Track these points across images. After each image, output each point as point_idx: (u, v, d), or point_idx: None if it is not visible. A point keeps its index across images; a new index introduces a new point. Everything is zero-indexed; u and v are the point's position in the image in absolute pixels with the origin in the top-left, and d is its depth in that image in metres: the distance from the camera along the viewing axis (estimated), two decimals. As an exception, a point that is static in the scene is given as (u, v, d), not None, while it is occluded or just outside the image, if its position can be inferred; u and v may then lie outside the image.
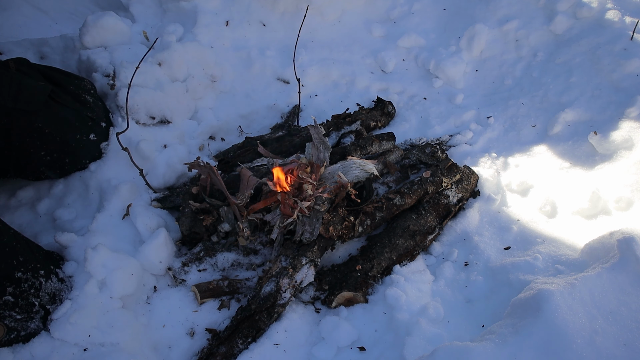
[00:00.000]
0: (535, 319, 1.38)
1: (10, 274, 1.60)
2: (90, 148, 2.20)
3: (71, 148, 2.13)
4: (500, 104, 2.75)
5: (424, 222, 2.09)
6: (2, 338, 1.58)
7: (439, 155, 2.41)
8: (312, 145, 2.19)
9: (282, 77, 2.96)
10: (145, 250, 1.88)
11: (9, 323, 1.59)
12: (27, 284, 1.64)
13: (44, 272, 1.70)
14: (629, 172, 2.09)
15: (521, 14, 3.01)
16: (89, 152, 2.20)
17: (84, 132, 2.16)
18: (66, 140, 2.11)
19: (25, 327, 1.62)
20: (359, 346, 1.74)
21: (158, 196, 2.15)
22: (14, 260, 1.63)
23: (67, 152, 2.13)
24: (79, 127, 2.14)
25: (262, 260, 2.02)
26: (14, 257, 1.63)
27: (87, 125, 2.17)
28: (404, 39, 3.15)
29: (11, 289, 1.59)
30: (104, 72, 2.45)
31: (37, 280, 1.67)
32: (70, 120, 2.11)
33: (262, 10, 3.13)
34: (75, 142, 2.13)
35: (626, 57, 2.52)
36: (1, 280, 1.58)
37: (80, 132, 2.14)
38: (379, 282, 1.95)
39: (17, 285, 1.61)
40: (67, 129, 2.11)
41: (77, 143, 2.14)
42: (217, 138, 2.67)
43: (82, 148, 2.17)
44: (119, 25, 2.63)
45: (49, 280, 1.71)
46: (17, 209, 2.18)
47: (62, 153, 2.12)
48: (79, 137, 2.14)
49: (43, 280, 1.68)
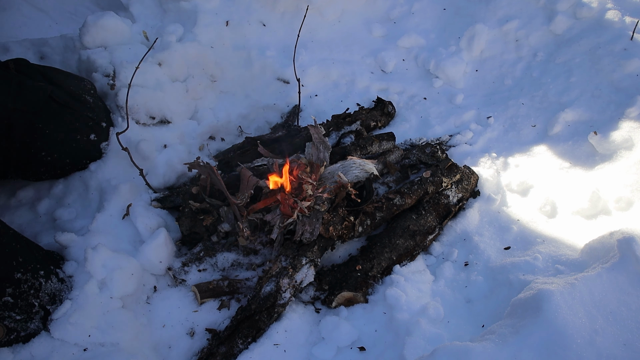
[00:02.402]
0: (535, 319, 1.38)
1: (9, 275, 1.60)
2: (90, 148, 2.20)
3: (71, 148, 2.13)
4: (500, 104, 2.75)
5: (424, 222, 2.09)
6: (1, 339, 1.58)
7: (439, 155, 2.41)
8: (312, 145, 2.19)
9: (282, 77, 2.96)
10: (145, 250, 1.88)
11: (9, 324, 1.59)
12: (27, 284, 1.63)
13: (43, 272, 1.70)
14: (629, 172, 2.09)
15: (521, 14, 3.01)
16: (89, 152, 2.20)
17: (84, 132, 2.16)
18: (66, 140, 2.11)
19: (25, 327, 1.62)
20: (359, 346, 1.74)
21: (158, 196, 2.15)
22: (14, 261, 1.62)
23: (67, 153, 2.13)
24: (79, 128, 2.14)
25: (262, 260, 2.02)
26: (14, 258, 1.63)
27: (87, 126, 2.17)
28: (404, 39, 3.15)
29: (11, 290, 1.59)
30: (104, 72, 2.45)
31: (37, 281, 1.66)
32: (71, 121, 2.11)
33: (262, 10, 3.13)
34: (75, 142, 2.13)
35: (626, 57, 2.52)
36: (1, 281, 1.57)
37: (80, 132, 2.14)
38: (379, 282, 1.95)
39: (16, 286, 1.61)
40: (67, 129, 2.11)
41: (77, 143, 2.14)
42: (217, 138, 2.67)
43: (83, 148, 2.17)
44: (119, 25, 2.62)
45: (49, 280, 1.70)
46: (17, 209, 2.18)
47: (63, 153, 2.12)
48: (79, 138, 2.14)
49: (43, 280, 1.68)
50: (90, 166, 2.20)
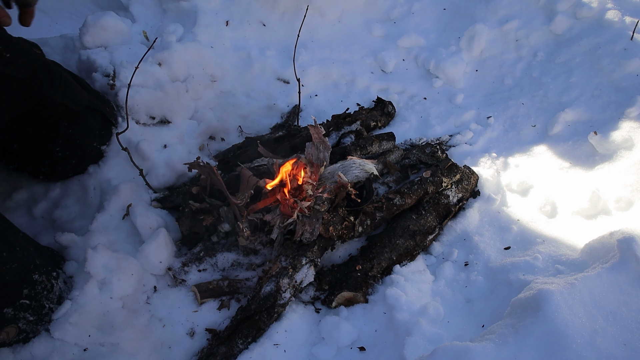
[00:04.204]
0: (535, 319, 1.38)
1: (28, 276, 1.61)
2: (94, 152, 2.20)
3: (93, 149, 2.17)
4: (500, 104, 2.75)
5: (424, 222, 2.09)
6: (11, 340, 1.58)
7: (439, 155, 2.41)
8: (312, 145, 2.19)
9: (282, 77, 2.96)
10: (145, 250, 1.88)
11: (22, 325, 1.60)
12: (42, 286, 1.65)
13: (55, 274, 1.72)
14: (629, 172, 2.09)
15: (521, 14, 3.01)
16: (93, 157, 2.21)
17: (96, 138, 2.19)
18: (96, 141, 2.17)
19: (35, 329, 1.63)
20: (359, 346, 1.74)
21: (158, 196, 2.15)
22: (32, 264, 1.64)
23: (90, 155, 2.17)
24: (98, 135, 2.18)
25: (262, 260, 2.02)
26: (32, 260, 1.65)
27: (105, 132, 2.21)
28: (404, 39, 3.15)
29: (27, 291, 1.60)
30: (104, 72, 2.44)
31: (49, 283, 1.68)
32: (96, 122, 2.16)
33: (262, 10, 3.13)
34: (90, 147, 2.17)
35: (626, 57, 2.52)
36: (19, 282, 1.58)
37: (97, 139, 2.18)
38: (379, 282, 1.95)
39: (32, 287, 1.62)
40: (90, 133, 2.14)
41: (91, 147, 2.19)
42: (217, 138, 2.67)
43: (92, 152, 2.19)
44: (119, 25, 2.62)
45: (58, 282, 1.72)
46: (16, 209, 2.18)
47: (89, 153, 2.16)
48: (95, 145, 2.18)
49: (54, 282, 1.70)
50: (89, 167, 2.20)
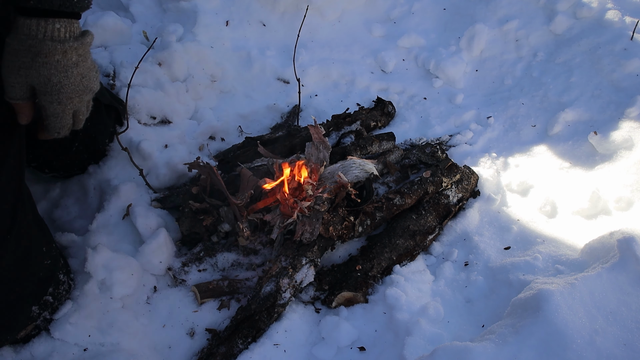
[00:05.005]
0: (535, 319, 1.38)
1: (55, 275, 1.63)
2: (103, 149, 2.19)
3: (97, 147, 2.14)
4: (500, 104, 2.75)
5: (424, 222, 2.09)
6: (25, 335, 1.60)
7: (439, 155, 2.41)
8: (312, 145, 2.19)
9: (282, 77, 2.96)
10: (145, 250, 1.88)
11: (40, 324, 1.61)
12: (64, 286, 1.67)
13: (72, 275, 1.74)
14: (629, 172, 2.09)
15: (521, 14, 3.01)
16: (101, 153, 2.19)
17: (108, 136, 2.17)
18: (98, 140, 2.12)
19: (47, 328, 1.64)
20: (359, 346, 1.74)
21: (158, 196, 2.15)
22: (59, 262, 1.66)
23: (95, 150, 2.13)
24: (110, 133, 2.17)
25: (262, 260, 2.02)
26: (59, 259, 1.67)
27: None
28: (404, 39, 3.15)
29: (52, 289, 1.61)
30: (104, 72, 2.44)
31: (68, 284, 1.70)
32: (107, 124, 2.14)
33: (262, 10, 3.13)
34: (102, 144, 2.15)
35: (626, 57, 2.52)
36: (48, 280, 1.60)
37: (109, 136, 2.16)
38: (379, 282, 1.95)
39: (56, 286, 1.63)
40: (105, 130, 2.12)
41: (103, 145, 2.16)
42: (217, 138, 2.67)
43: (102, 148, 2.18)
44: (119, 25, 2.62)
45: (73, 282, 1.74)
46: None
47: (91, 149, 2.11)
48: (106, 141, 2.17)
49: (72, 283, 1.72)
50: (89, 167, 2.20)
